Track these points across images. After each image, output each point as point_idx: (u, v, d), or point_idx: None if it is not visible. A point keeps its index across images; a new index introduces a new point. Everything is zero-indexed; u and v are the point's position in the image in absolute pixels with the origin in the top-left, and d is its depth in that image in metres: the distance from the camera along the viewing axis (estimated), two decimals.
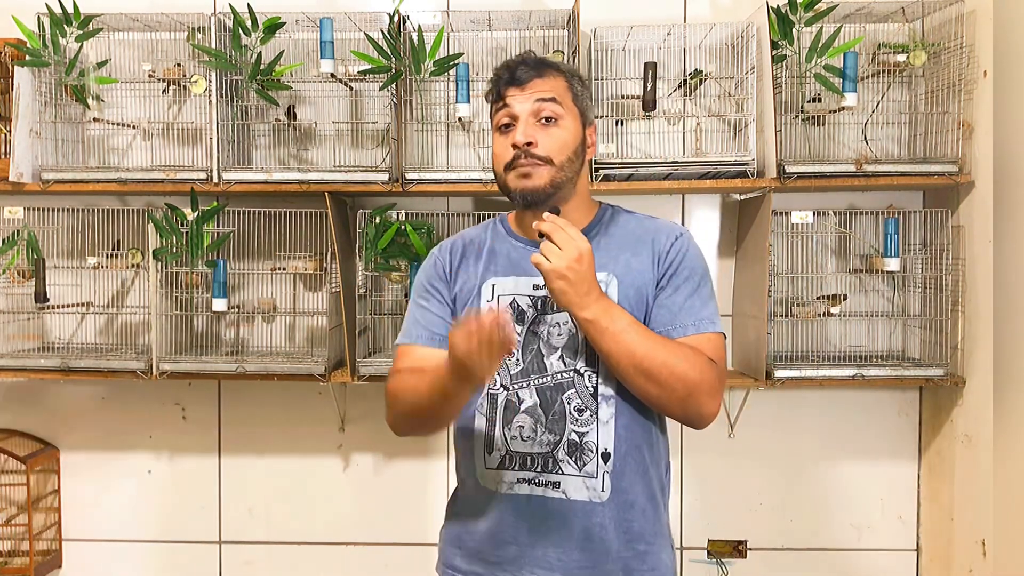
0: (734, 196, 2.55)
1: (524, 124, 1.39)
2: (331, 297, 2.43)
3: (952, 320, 2.36)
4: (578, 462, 1.37)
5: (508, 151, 1.39)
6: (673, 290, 1.39)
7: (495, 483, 1.40)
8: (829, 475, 2.60)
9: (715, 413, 1.35)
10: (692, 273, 1.40)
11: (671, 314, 1.37)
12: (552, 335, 1.40)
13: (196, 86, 2.38)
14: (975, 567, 2.31)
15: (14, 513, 2.63)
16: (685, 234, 1.45)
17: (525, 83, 1.40)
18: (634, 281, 1.40)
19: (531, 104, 1.39)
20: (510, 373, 1.41)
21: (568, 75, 1.45)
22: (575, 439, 1.37)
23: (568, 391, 1.38)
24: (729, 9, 2.52)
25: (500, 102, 1.42)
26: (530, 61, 1.43)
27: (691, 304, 1.38)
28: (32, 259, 2.41)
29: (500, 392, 1.41)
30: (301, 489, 2.66)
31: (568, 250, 1.27)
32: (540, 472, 1.38)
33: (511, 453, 1.39)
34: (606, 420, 1.37)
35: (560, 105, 1.40)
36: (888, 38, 2.46)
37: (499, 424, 1.40)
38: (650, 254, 1.41)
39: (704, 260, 1.45)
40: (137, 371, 2.37)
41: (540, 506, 1.38)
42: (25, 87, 2.34)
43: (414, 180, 2.32)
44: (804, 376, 2.32)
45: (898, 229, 2.37)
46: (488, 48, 2.53)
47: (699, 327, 1.36)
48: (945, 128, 2.35)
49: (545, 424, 1.38)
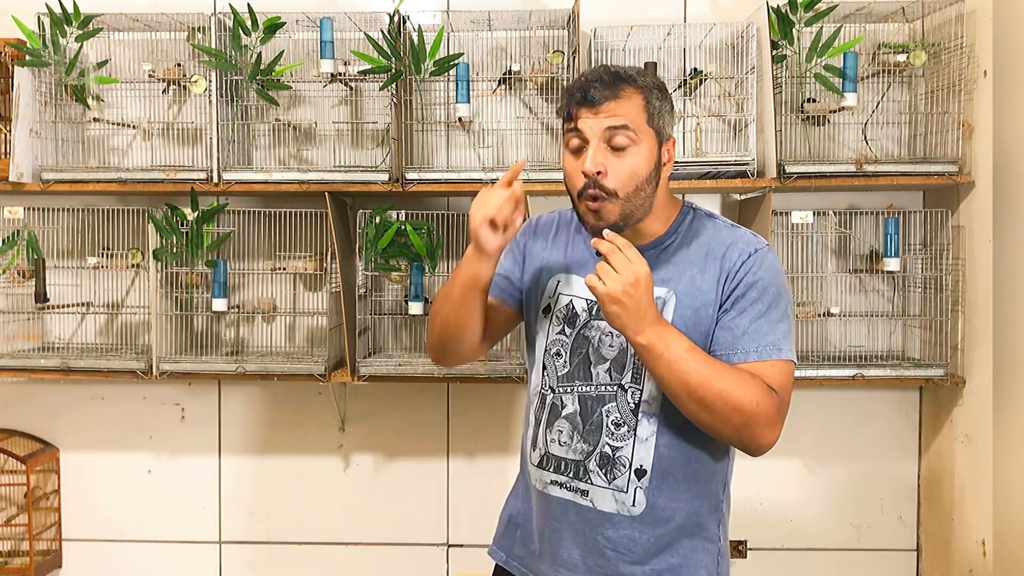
0: (734, 196, 2.55)
1: (595, 151, 1.29)
2: (331, 297, 2.43)
3: (952, 320, 2.36)
4: (608, 475, 1.36)
5: (579, 177, 1.31)
6: (738, 312, 1.31)
7: (535, 478, 1.43)
8: (829, 475, 2.60)
9: (772, 443, 1.29)
10: (762, 295, 1.31)
11: (733, 338, 1.30)
12: (603, 344, 1.38)
13: (196, 86, 2.38)
14: (975, 567, 2.31)
15: (14, 513, 2.63)
16: (761, 251, 1.34)
17: (598, 105, 1.30)
18: (694, 301, 1.33)
19: (601, 130, 1.29)
20: (557, 375, 1.41)
21: (646, 91, 1.33)
22: (608, 452, 1.36)
23: (608, 404, 1.36)
24: (729, 9, 2.52)
25: (571, 123, 1.32)
26: (606, 79, 1.31)
27: (756, 328, 1.30)
28: (32, 259, 2.42)
29: (548, 393, 1.42)
30: (301, 489, 2.66)
31: (624, 273, 1.21)
32: (571, 479, 1.38)
33: (549, 454, 1.40)
34: (645, 438, 1.34)
35: (634, 132, 1.30)
36: (888, 38, 2.46)
37: (544, 424, 1.42)
38: (717, 271, 1.34)
39: (781, 279, 1.35)
40: (137, 371, 2.37)
41: (569, 510, 1.39)
42: (25, 87, 2.34)
43: (414, 180, 2.32)
44: (804, 376, 2.32)
45: (898, 229, 2.37)
46: (488, 48, 2.53)
47: (761, 354, 1.29)
48: (945, 128, 2.35)
49: (581, 433, 1.37)
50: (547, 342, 1.42)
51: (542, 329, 1.44)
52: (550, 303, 1.43)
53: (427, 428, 2.64)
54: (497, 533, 1.56)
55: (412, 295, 2.39)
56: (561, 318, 1.41)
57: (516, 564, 1.50)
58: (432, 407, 2.64)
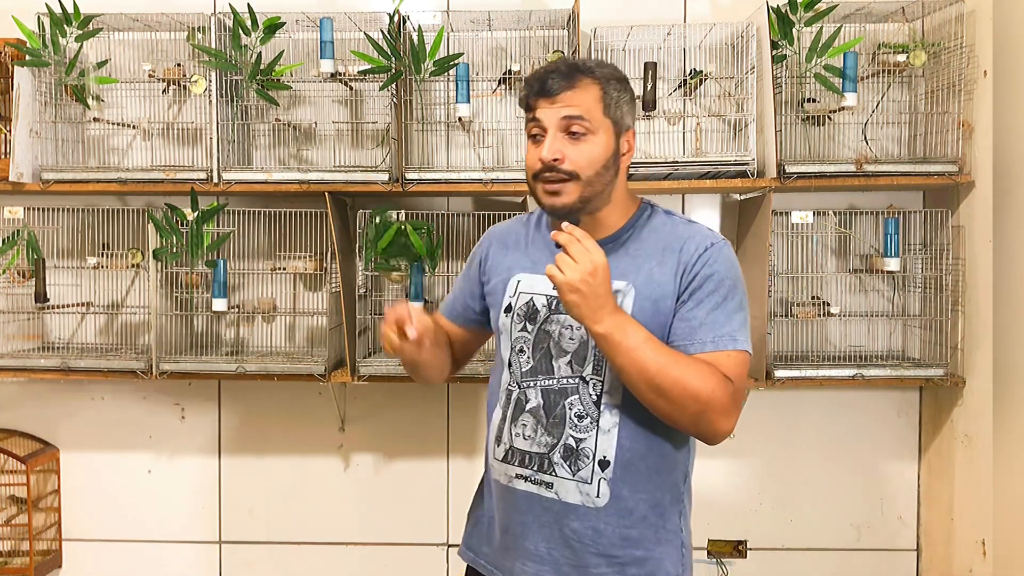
0: (734, 196, 2.55)
1: (551, 139, 1.35)
2: (331, 297, 2.43)
3: (952, 320, 2.36)
4: (572, 467, 1.38)
5: (538, 163, 1.37)
6: (695, 304, 1.34)
7: (499, 473, 1.45)
8: (829, 475, 2.60)
9: (729, 431, 1.32)
10: (718, 286, 1.35)
11: (690, 328, 1.33)
12: (563, 337, 1.40)
13: (196, 86, 2.38)
14: (975, 567, 2.31)
15: (14, 513, 2.63)
16: (717, 244, 1.38)
17: (555, 95, 1.35)
18: (652, 293, 1.36)
19: (558, 119, 1.35)
20: (521, 371, 1.43)
21: (603, 82, 1.37)
22: (571, 444, 1.38)
23: (571, 396, 1.39)
24: (729, 9, 2.52)
25: (530, 112, 1.38)
26: (562, 69, 1.36)
27: (713, 319, 1.33)
28: (32, 259, 2.42)
29: (514, 389, 1.44)
30: (301, 489, 2.66)
31: (583, 263, 1.25)
32: (536, 471, 1.40)
33: (514, 449, 1.43)
34: (607, 429, 1.37)
35: (589, 122, 1.35)
36: (888, 38, 2.46)
37: (508, 419, 1.44)
38: (675, 264, 1.37)
39: (737, 272, 1.39)
40: (137, 371, 2.37)
41: (535, 503, 1.41)
42: (25, 87, 2.34)
43: (414, 180, 2.32)
44: (804, 376, 2.32)
45: (898, 229, 2.37)
46: (488, 48, 2.53)
47: (718, 344, 1.32)
48: (945, 128, 2.35)
49: (545, 426, 1.40)
50: (511, 340, 1.45)
51: (505, 328, 1.47)
52: (511, 302, 1.46)
53: (427, 428, 2.64)
54: (465, 534, 1.60)
55: (412, 295, 2.39)
56: (522, 315, 1.44)
57: (483, 562, 1.52)
58: (432, 407, 2.64)
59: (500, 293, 1.49)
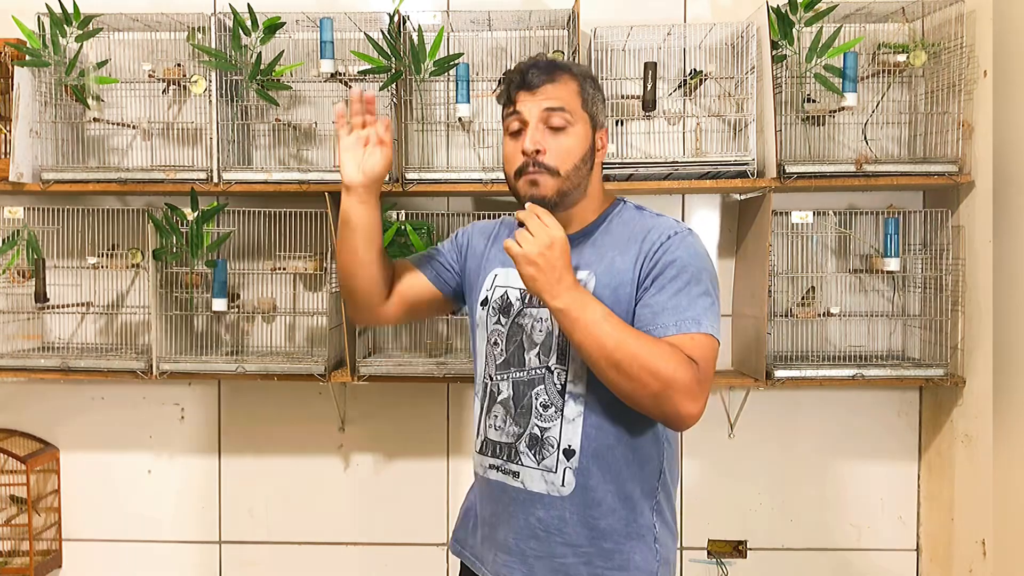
0: (734, 196, 2.55)
1: (533, 131, 1.39)
2: (331, 297, 2.43)
3: (952, 320, 2.36)
4: (537, 455, 1.40)
5: (518, 156, 1.40)
6: (657, 290, 1.35)
7: (477, 465, 1.51)
8: (829, 475, 2.60)
9: (695, 415, 1.28)
10: (680, 272, 1.35)
11: (652, 314, 1.33)
12: (534, 330, 1.43)
13: (196, 86, 2.38)
14: (975, 567, 2.31)
15: (14, 513, 2.63)
16: (681, 233, 1.40)
17: (536, 88, 1.40)
18: (611, 281, 1.38)
19: (539, 111, 1.39)
20: (495, 363, 1.46)
21: (581, 78, 1.44)
22: (536, 433, 1.40)
23: (537, 387, 1.42)
24: (729, 9, 2.52)
25: (511, 106, 1.42)
26: (542, 64, 1.42)
27: (675, 303, 1.33)
28: (32, 259, 2.41)
29: (488, 381, 1.48)
30: (301, 489, 2.66)
31: (540, 237, 1.27)
32: (505, 461, 1.44)
33: (487, 440, 1.47)
34: (572, 418, 1.39)
35: (569, 114, 1.40)
36: (888, 38, 2.46)
37: (483, 411, 1.48)
38: (636, 252, 1.39)
39: (702, 260, 1.39)
40: (137, 371, 2.37)
41: (504, 492, 1.44)
42: (25, 87, 2.34)
43: (414, 180, 2.32)
44: (804, 376, 2.32)
45: (898, 229, 2.37)
46: (488, 48, 2.53)
47: (680, 327, 1.31)
48: (945, 128, 2.35)
49: (513, 416, 1.43)
50: (487, 332, 1.48)
51: (481, 321, 1.50)
52: (488, 295, 1.50)
53: (427, 428, 2.64)
54: (456, 526, 1.62)
55: None
56: (497, 308, 1.47)
57: (468, 554, 1.55)
58: (432, 407, 2.64)
59: (476, 283, 1.53)
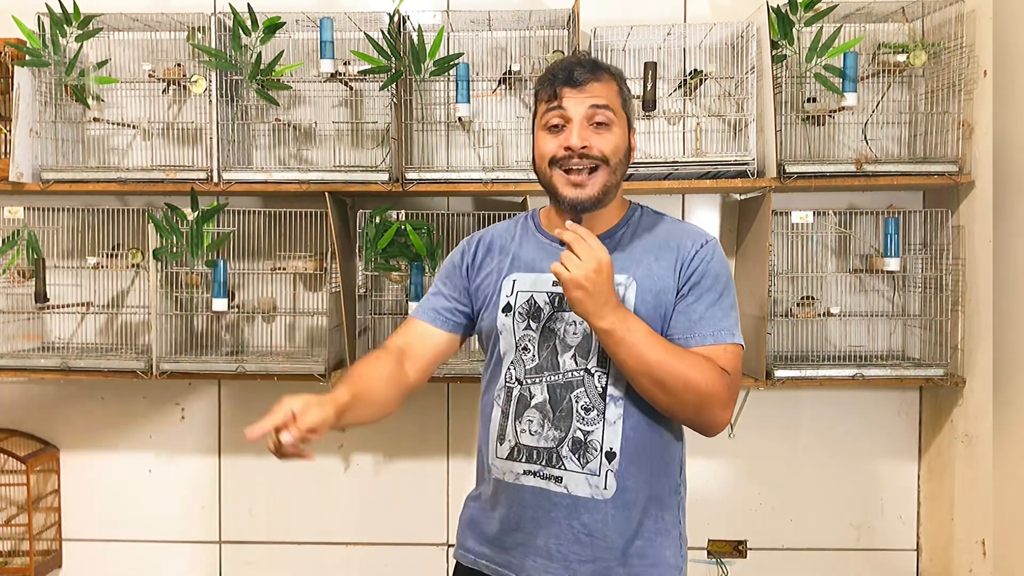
0: (734, 196, 2.55)
1: (579, 127, 1.38)
2: (331, 297, 2.43)
3: (952, 320, 2.36)
4: (581, 459, 1.39)
5: (557, 150, 1.39)
6: (695, 299, 1.39)
7: (504, 472, 1.45)
8: (829, 475, 2.60)
9: (726, 423, 1.37)
10: (715, 282, 1.40)
11: (690, 322, 1.38)
12: (568, 333, 1.42)
13: (196, 86, 2.38)
14: (975, 567, 2.31)
15: (14, 513, 2.63)
16: (711, 241, 1.44)
17: (582, 85, 1.39)
18: (653, 286, 1.40)
19: (585, 108, 1.38)
20: (525, 368, 1.44)
21: (619, 80, 1.44)
22: (580, 437, 1.39)
23: (577, 390, 1.40)
24: (729, 9, 2.52)
25: (554, 102, 1.40)
26: (586, 63, 1.41)
27: (712, 314, 1.38)
28: (32, 259, 2.41)
29: (515, 386, 1.45)
30: (301, 489, 2.66)
31: (587, 260, 1.28)
32: (544, 466, 1.41)
33: (519, 445, 1.43)
34: (613, 420, 1.39)
35: (612, 112, 1.40)
36: (888, 38, 2.46)
37: (512, 416, 1.44)
38: (673, 259, 1.42)
39: (728, 269, 1.45)
40: (137, 371, 2.37)
41: (544, 498, 1.41)
42: (25, 87, 2.34)
43: (414, 180, 2.32)
44: (804, 376, 2.32)
45: (898, 229, 2.37)
46: (488, 48, 2.53)
47: (717, 337, 1.37)
48: (945, 128, 2.35)
49: (552, 420, 1.41)
50: (515, 339, 1.46)
51: (506, 327, 1.46)
52: (509, 301, 1.47)
53: (427, 428, 2.64)
54: (461, 536, 1.57)
55: (412, 295, 2.39)
56: (524, 314, 1.45)
57: (485, 563, 1.50)
58: (432, 407, 2.64)
59: (493, 293, 1.50)
